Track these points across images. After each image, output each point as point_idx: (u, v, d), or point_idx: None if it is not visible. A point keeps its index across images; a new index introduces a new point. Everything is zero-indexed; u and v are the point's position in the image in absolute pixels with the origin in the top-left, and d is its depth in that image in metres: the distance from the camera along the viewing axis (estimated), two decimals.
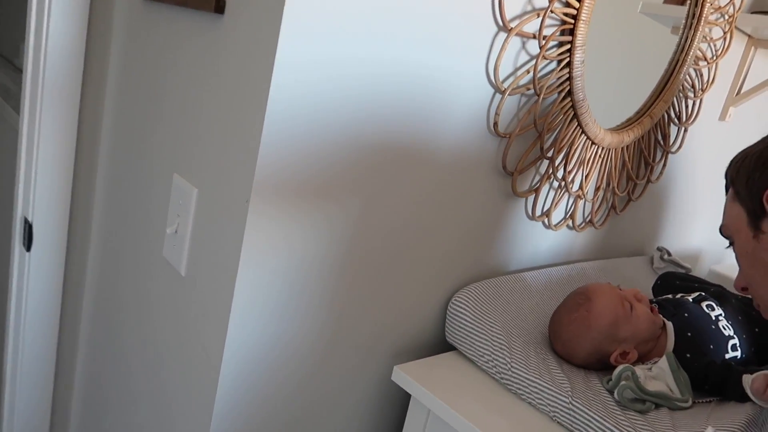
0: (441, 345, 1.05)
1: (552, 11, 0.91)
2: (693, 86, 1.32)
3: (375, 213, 0.85)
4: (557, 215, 1.17)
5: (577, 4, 0.94)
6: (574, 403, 0.84)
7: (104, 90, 1.04)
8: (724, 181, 0.82)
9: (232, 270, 0.75)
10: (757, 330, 1.05)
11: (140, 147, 0.96)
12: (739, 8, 1.31)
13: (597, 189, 1.21)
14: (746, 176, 0.70)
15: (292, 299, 0.81)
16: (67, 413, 1.24)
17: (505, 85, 0.92)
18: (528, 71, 0.93)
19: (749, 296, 0.77)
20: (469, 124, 0.91)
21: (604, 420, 0.80)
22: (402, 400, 1.05)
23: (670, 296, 1.07)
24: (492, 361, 0.94)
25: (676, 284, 1.17)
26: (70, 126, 1.02)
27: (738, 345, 0.98)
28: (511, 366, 0.91)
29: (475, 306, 0.99)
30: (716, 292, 1.09)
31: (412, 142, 0.85)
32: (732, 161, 0.76)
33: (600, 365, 0.93)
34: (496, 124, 0.94)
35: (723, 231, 0.78)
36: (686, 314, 0.97)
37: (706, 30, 1.25)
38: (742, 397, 0.87)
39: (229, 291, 0.75)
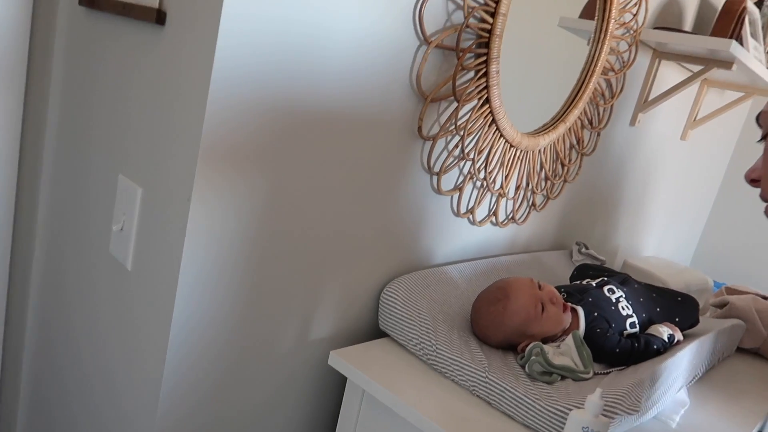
0: (375, 332, 1.13)
1: (468, 26, 1.01)
2: (603, 94, 1.46)
3: (309, 205, 0.93)
4: (481, 212, 1.27)
5: (491, 20, 1.04)
6: (489, 377, 0.94)
7: (48, 91, 1.07)
8: (650, 175, 0.91)
9: (175, 262, 0.81)
10: (658, 309, 1.19)
11: (85, 148, 1.00)
12: (643, 24, 1.46)
13: (517, 188, 1.33)
14: None
15: (231, 286, 0.88)
16: (15, 408, 1.26)
17: (428, 92, 1.01)
18: (447, 81, 1.03)
19: (756, 187, 0.76)
20: (396, 128, 1.00)
21: (514, 389, 0.90)
22: (339, 384, 1.13)
23: (578, 282, 1.19)
24: (420, 344, 1.03)
25: (590, 274, 1.30)
26: (13, 125, 1.05)
27: (636, 323, 1.11)
28: (437, 348, 1.00)
29: (405, 296, 1.08)
30: (621, 278, 1.22)
31: (344, 149, 0.93)
32: None
33: (512, 348, 1.04)
34: (420, 128, 1.03)
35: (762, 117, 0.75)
36: (590, 299, 1.09)
37: (614, 43, 1.39)
38: (661, 347, 1.05)
39: (173, 281, 0.82)
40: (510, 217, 1.36)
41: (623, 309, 1.11)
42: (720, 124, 2.20)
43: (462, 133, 1.10)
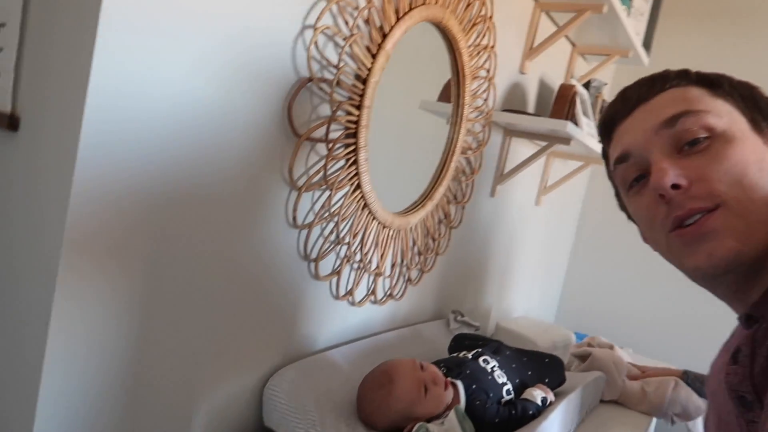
0: (261, 430, 1.08)
1: (335, 119, 1.05)
2: (464, 171, 1.57)
3: (182, 302, 0.89)
4: (360, 293, 1.29)
5: (357, 113, 1.10)
6: None
7: None
8: (513, 240, 0.97)
9: (34, 382, 0.73)
10: (530, 373, 1.26)
11: None
12: (493, 107, 1.61)
13: (393, 265, 1.37)
14: (749, 91, 0.66)
15: (96, 382, 0.81)
16: None
17: (300, 183, 1.03)
18: (319, 170, 1.06)
19: (674, 197, 0.61)
20: (270, 219, 1.00)
21: None
22: None
23: (455, 355, 1.24)
24: None
25: (465, 344, 1.35)
26: None
27: (511, 389, 1.17)
28: None
29: (289, 388, 1.05)
30: (493, 347, 1.28)
31: (218, 242, 0.91)
32: (675, 73, 0.68)
33: (398, 431, 1.05)
34: (294, 217, 1.04)
35: (704, 117, 0.63)
36: (468, 371, 1.13)
37: (470, 125, 1.52)
38: (536, 411, 1.11)
39: (33, 401, 0.73)
40: (388, 294, 1.40)
41: (498, 377, 1.16)
42: (567, 189, 2.44)
43: (336, 219, 1.13)
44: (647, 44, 2.04)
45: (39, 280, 0.73)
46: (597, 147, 1.87)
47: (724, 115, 0.62)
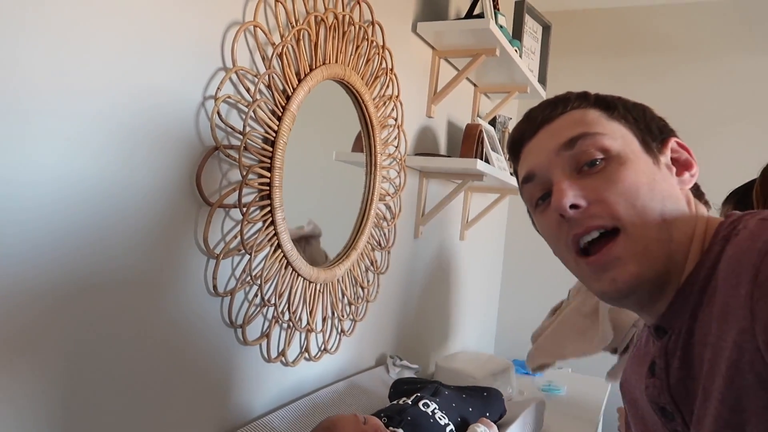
0: None
1: (247, 184, 1.06)
2: (385, 218, 1.60)
3: (101, 388, 0.85)
4: (293, 352, 1.28)
5: (268, 174, 1.11)
6: None
7: None
8: (441, 277, 0.97)
9: None
10: (471, 409, 1.27)
11: None
12: (405, 152, 1.66)
13: (324, 319, 1.36)
14: (641, 112, 0.69)
15: None
16: None
17: (217, 250, 1.02)
18: (236, 236, 1.06)
19: (574, 215, 0.63)
20: (190, 290, 0.98)
21: None
22: None
23: (395, 402, 1.24)
24: None
25: (404, 388, 1.35)
26: None
27: (453, 429, 1.18)
28: None
29: None
30: (432, 388, 1.29)
31: (135, 320, 0.89)
32: (586, 93, 0.71)
33: None
34: (215, 286, 1.03)
35: (597, 140, 0.65)
36: (409, 417, 1.13)
37: (385, 172, 1.55)
38: None
39: None
40: (322, 349, 1.38)
41: (440, 419, 1.17)
42: (489, 221, 2.52)
43: (259, 281, 1.12)
44: (542, 79, 2.18)
45: None
46: (510, 179, 1.95)
47: (618, 137, 0.64)
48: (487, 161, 1.79)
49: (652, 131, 0.67)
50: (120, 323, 0.87)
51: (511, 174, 2.06)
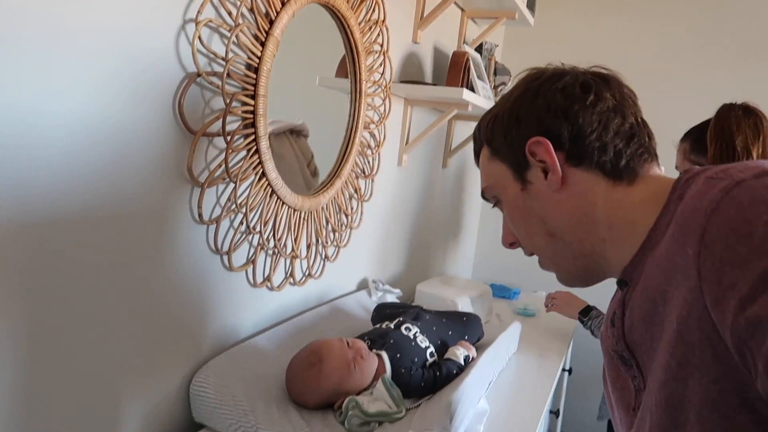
0: (192, 426, 1.09)
1: (231, 112, 1.04)
2: (369, 145, 1.60)
3: (89, 314, 0.87)
4: (278, 277, 1.31)
5: (252, 102, 1.09)
6: None
7: None
8: (424, 204, 1.00)
9: None
10: (450, 333, 1.33)
11: None
12: (390, 80, 1.63)
13: (308, 246, 1.39)
14: (503, 133, 0.69)
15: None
16: None
17: (202, 179, 1.02)
18: (220, 164, 1.05)
19: (517, 248, 0.77)
20: (174, 218, 0.99)
21: None
22: None
23: (378, 326, 1.29)
24: (240, 429, 1.02)
25: (387, 312, 1.40)
26: None
27: (434, 351, 1.23)
28: (257, 428, 1.00)
29: (216, 381, 1.06)
30: (413, 313, 1.34)
31: (120, 249, 0.90)
32: (481, 123, 0.75)
33: (329, 407, 1.09)
34: (200, 214, 1.03)
35: (486, 193, 0.75)
36: (392, 341, 1.18)
37: (370, 100, 1.54)
38: (459, 369, 1.18)
39: None
40: (307, 274, 1.42)
41: (421, 342, 1.22)
42: (469, 150, 2.53)
43: (244, 209, 1.13)
44: (531, 5, 2.13)
45: None
46: None
47: (496, 178, 0.73)
48: (472, 90, 1.77)
49: (516, 150, 0.69)
50: (105, 252, 0.88)
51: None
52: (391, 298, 1.71)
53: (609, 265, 0.66)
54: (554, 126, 0.65)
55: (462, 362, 1.21)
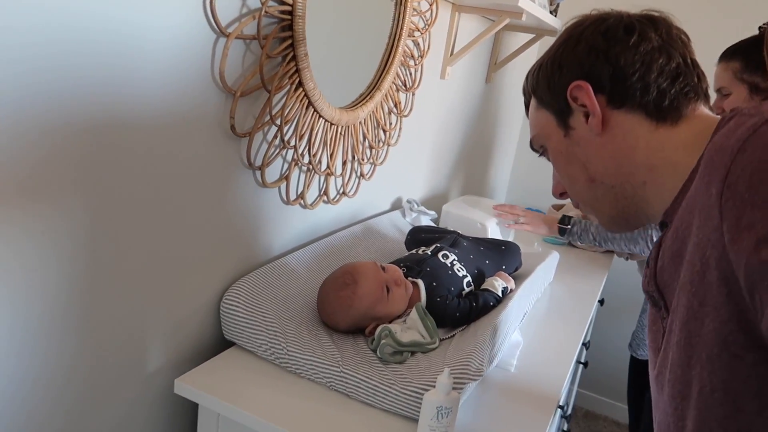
0: (221, 342, 1.07)
1: (267, 12, 0.94)
2: (412, 55, 1.48)
3: (122, 225, 0.83)
4: (312, 195, 1.25)
5: (290, 1, 0.98)
6: (344, 370, 0.94)
7: None
8: (461, 121, 0.91)
9: None
10: (487, 261, 1.28)
11: None
12: None
13: (344, 163, 1.31)
14: (547, 81, 0.71)
15: (39, 333, 0.77)
16: None
17: (234, 87, 0.94)
18: (254, 71, 0.96)
19: (567, 200, 0.79)
20: (207, 130, 0.92)
21: (370, 378, 0.92)
22: (190, 410, 1.06)
23: (414, 252, 1.23)
24: (270, 349, 0.99)
25: (422, 237, 1.34)
26: None
27: (471, 281, 1.18)
28: (287, 350, 0.98)
29: (246, 300, 1.03)
30: (451, 239, 1.28)
31: (153, 159, 0.83)
32: (528, 74, 0.77)
33: (360, 332, 1.06)
34: (232, 126, 0.96)
35: (533, 142, 0.77)
36: (428, 268, 1.13)
37: (415, 4, 1.40)
38: (496, 301, 1.15)
39: None
40: (341, 192, 1.35)
41: (458, 271, 1.17)
42: (517, 64, 2.36)
43: (279, 122, 1.05)
44: None
45: None
46: (549, 18, 1.78)
47: (541, 126, 0.74)
48: None
49: (558, 96, 0.69)
50: (136, 164, 0.82)
51: (550, 13, 1.87)
52: (425, 220, 1.65)
53: (650, 208, 0.66)
54: (594, 69, 0.66)
55: (500, 294, 1.16)
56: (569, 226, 1.63)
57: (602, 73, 0.65)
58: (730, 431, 0.50)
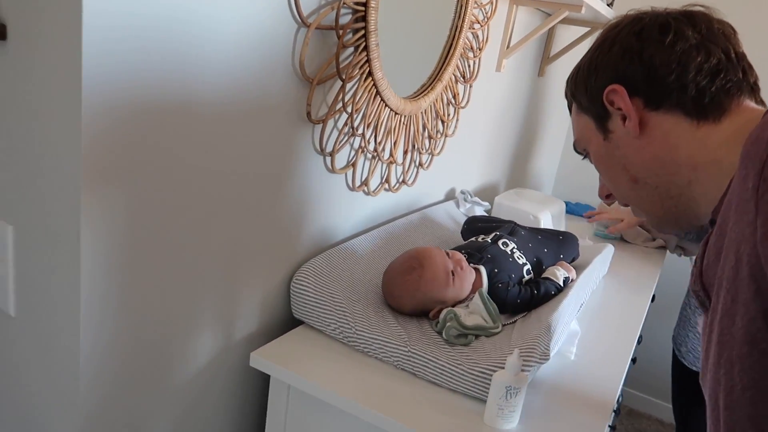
0: (291, 321, 1.12)
1: (344, 3, 0.97)
2: (472, 48, 1.50)
3: (204, 205, 0.88)
4: (374, 182, 1.28)
5: None
6: (411, 350, 0.97)
7: None
8: (514, 114, 0.94)
9: (74, 295, 0.74)
10: (546, 250, 1.29)
11: None
12: None
13: (405, 152, 1.35)
14: (584, 85, 0.72)
15: (136, 306, 0.82)
16: None
17: (312, 76, 0.98)
18: (330, 60, 1.00)
19: (614, 201, 0.80)
20: (284, 116, 0.96)
21: (437, 358, 0.95)
22: (263, 381, 1.11)
23: (473, 239, 1.26)
24: (338, 328, 1.03)
25: (479, 226, 1.37)
26: None
27: (530, 269, 1.20)
28: (356, 329, 1.02)
29: (314, 281, 1.07)
30: (509, 228, 1.30)
31: (233, 144, 0.88)
32: (568, 79, 0.77)
33: (424, 315, 1.09)
34: (309, 112, 1.00)
35: (577, 146, 0.79)
36: (489, 255, 1.16)
37: None
38: (557, 289, 1.17)
39: (75, 316, 0.74)
40: (401, 180, 1.39)
41: (519, 258, 1.19)
42: (570, 58, 2.35)
43: (350, 110, 1.09)
44: None
45: (61, 187, 0.71)
46: (606, 11, 1.77)
47: (582, 130, 0.75)
48: None
49: (595, 100, 0.70)
50: (219, 144, 0.86)
51: (607, 5, 1.86)
52: (479, 211, 1.67)
53: (699, 207, 0.66)
54: (628, 71, 0.66)
55: (561, 284, 1.17)
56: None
57: (636, 75, 0.65)
58: (764, 430, 0.49)
